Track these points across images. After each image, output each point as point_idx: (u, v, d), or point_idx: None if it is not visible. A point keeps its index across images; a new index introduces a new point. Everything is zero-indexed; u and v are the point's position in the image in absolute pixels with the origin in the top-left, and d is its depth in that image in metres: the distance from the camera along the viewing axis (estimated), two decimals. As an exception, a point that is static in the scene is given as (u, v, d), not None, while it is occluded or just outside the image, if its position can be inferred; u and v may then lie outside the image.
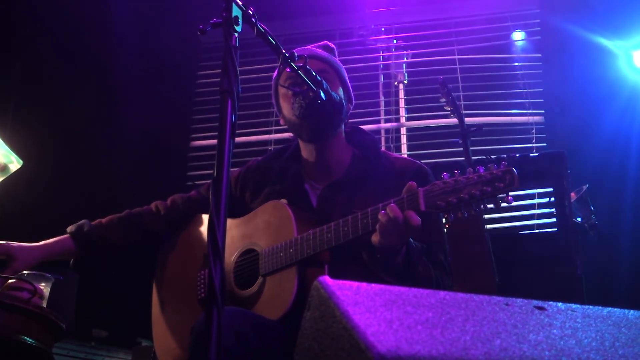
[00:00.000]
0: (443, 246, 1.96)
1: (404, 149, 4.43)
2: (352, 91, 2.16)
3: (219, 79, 1.35)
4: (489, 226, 3.49)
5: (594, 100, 3.96)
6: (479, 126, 3.31)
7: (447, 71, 4.41)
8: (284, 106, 2.08)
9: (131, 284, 2.99)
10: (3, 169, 2.42)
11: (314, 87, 1.87)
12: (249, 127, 4.62)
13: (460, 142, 3.20)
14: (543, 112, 4.24)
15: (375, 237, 1.68)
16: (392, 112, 4.52)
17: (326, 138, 2.04)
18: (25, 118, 4.25)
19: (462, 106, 4.12)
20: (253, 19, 1.54)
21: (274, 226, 1.93)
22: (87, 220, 2.16)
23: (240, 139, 4.57)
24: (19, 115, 4.30)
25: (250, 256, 1.96)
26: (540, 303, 1.14)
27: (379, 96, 4.58)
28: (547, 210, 3.92)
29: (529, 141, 4.23)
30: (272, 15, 4.40)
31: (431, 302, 1.07)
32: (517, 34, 4.48)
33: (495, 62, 4.46)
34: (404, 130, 4.50)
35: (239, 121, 1.38)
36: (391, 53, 4.63)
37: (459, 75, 4.42)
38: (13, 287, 1.86)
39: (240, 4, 1.47)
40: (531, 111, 4.27)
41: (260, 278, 1.89)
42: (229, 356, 1.56)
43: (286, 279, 1.82)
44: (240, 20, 1.45)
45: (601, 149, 3.82)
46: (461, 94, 4.34)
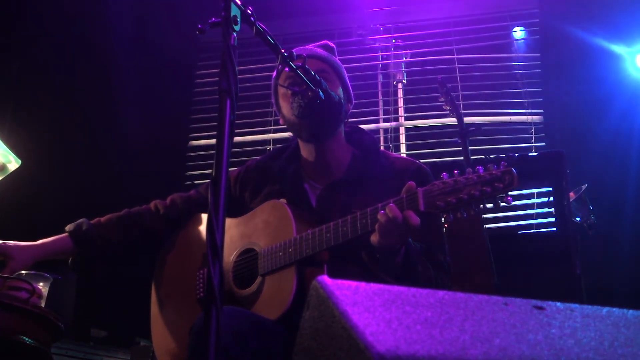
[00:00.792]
0: (442, 246, 1.96)
1: (403, 148, 4.43)
2: (351, 91, 2.16)
3: (217, 78, 1.35)
4: (487, 226, 3.49)
5: (592, 100, 3.96)
6: (478, 126, 3.31)
7: (446, 71, 4.41)
8: (284, 106, 2.08)
9: (130, 283, 2.99)
10: (1, 168, 2.41)
11: (312, 86, 1.87)
12: (248, 127, 4.63)
13: (459, 141, 3.20)
14: (542, 111, 4.25)
15: (374, 237, 1.68)
16: (391, 112, 4.52)
17: (325, 138, 2.04)
18: (23, 117, 4.26)
19: (461, 106, 4.12)
20: (252, 19, 1.54)
21: (273, 226, 1.92)
22: (85, 219, 2.15)
23: (238, 138, 4.57)
24: (17, 114, 4.30)
25: (249, 256, 1.95)
26: (539, 303, 1.14)
27: (377, 96, 4.58)
28: (546, 209, 3.93)
29: (528, 141, 4.24)
30: (271, 14, 4.40)
31: (430, 302, 1.06)
32: (517, 31, 4.48)
33: (494, 61, 4.47)
34: (402, 130, 4.50)
35: (237, 121, 1.37)
36: (390, 52, 4.63)
37: (457, 75, 4.42)
38: (11, 286, 1.85)
39: (239, 3, 1.47)
40: (530, 111, 4.27)
41: (259, 278, 1.89)
42: (228, 356, 1.56)
43: (285, 278, 1.82)
44: (239, 19, 1.45)
45: (600, 148, 3.82)
46: (460, 93, 4.34)
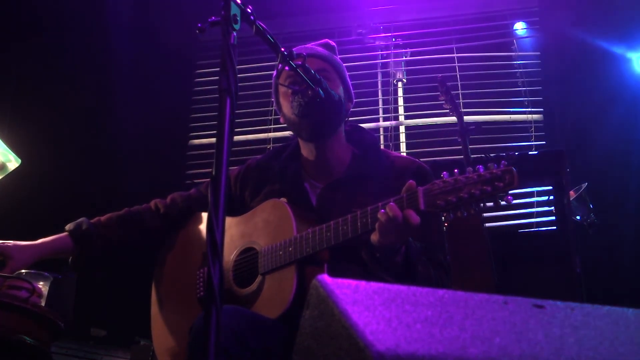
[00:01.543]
0: (442, 245, 1.96)
1: (403, 147, 4.43)
2: (352, 90, 2.16)
3: (217, 77, 1.35)
4: (488, 224, 3.49)
5: (592, 99, 3.96)
6: (478, 124, 3.32)
7: (446, 69, 4.40)
8: (284, 104, 2.08)
9: (130, 282, 2.99)
10: (1, 167, 2.41)
11: (313, 85, 1.87)
12: (248, 126, 4.63)
13: (459, 140, 3.20)
14: (542, 110, 4.24)
15: (374, 236, 1.68)
16: (391, 111, 4.51)
17: (325, 137, 2.04)
18: (23, 116, 4.25)
19: (461, 104, 4.12)
20: (251, 17, 1.54)
21: (273, 225, 1.92)
22: (85, 218, 2.15)
23: (238, 137, 4.57)
24: (17, 113, 4.29)
25: (250, 255, 1.95)
26: (539, 301, 1.14)
27: (377, 94, 4.58)
28: (546, 208, 3.93)
29: (528, 139, 4.23)
30: (271, 13, 4.39)
31: (430, 301, 1.06)
32: (519, 27, 4.47)
33: (494, 60, 4.46)
34: (402, 129, 4.49)
35: (237, 120, 1.37)
36: (390, 51, 4.63)
37: (457, 74, 4.41)
38: (11, 286, 1.85)
39: (238, 2, 1.47)
40: (530, 109, 4.27)
41: (260, 277, 1.89)
42: (228, 355, 1.56)
43: (285, 277, 1.82)
44: (238, 18, 1.45)
45: (600, 147, 3.81)
46: (460, 92, 4.33)
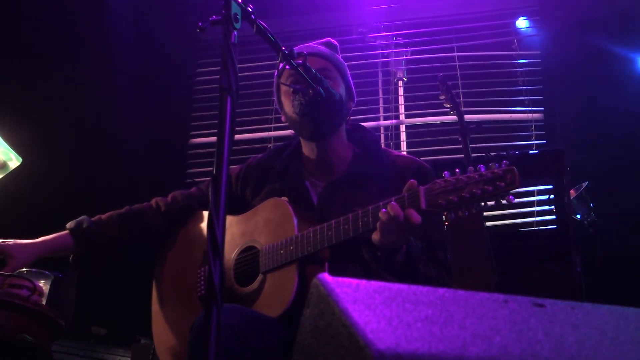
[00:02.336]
0: (443, 245, 1.95)
1: (403, 146, 4.43)
2: (354, 89, 2.16)
3: (218, 76, 1.35)
4: (488, 223, 3.49)
5: (593, 98, 3.96)
6: (479, 123, 3.31)
7: (446, 68, 4.40)
8: (285, 103, 2.08)
9: (131, 281, 2.99)
10: (2, 166, 2.42)
11: (313, 84, 1.87)
12: (248, 125, 4.62)
13: (460, 139, 3.20)
14: (543, 109, 4.24)
15: (375, 235, 1.68)
16: (392, 110, 4.51)
17: (327, 136, 2.04)
18: (24, 115, 4.25)
19: (462, 103, 4.12)
20: (252, 16, 1.53)
21: (274, 223, 1.93)
22: (86, 216, 2.16)
23: (239, 136, 4.56)
24: (18, 112, 4.29)
25: (251, 253, 1.96)
26: (540, 300, 1.14)
27: (378, 93, 4.58)
28: (546, 207, 3.93)
29: (528, 138, 4.23)
30: (271, 12, 4.39)
31: (430, 300, 1.06)
32: (521, 22, 4.47)
33: (494, 59, 4.46)
34: (403, 128, 4.49)
35: (238, 118, 1.37)
36: (391, 50, 4.62)
37: (458, 73, 4.41)
38: (12, 284, 1.85)
39: (239, 1, 1.47)
40: (531, 108, 4.27)
41: (261, 275, 1.89)
42: (228, 355, 1.56)
43: (286, 276, 1.82)
44: (239, 17, 1.45)
45: (601, 146, 3.81)
46: (461, 91, 4.33)
